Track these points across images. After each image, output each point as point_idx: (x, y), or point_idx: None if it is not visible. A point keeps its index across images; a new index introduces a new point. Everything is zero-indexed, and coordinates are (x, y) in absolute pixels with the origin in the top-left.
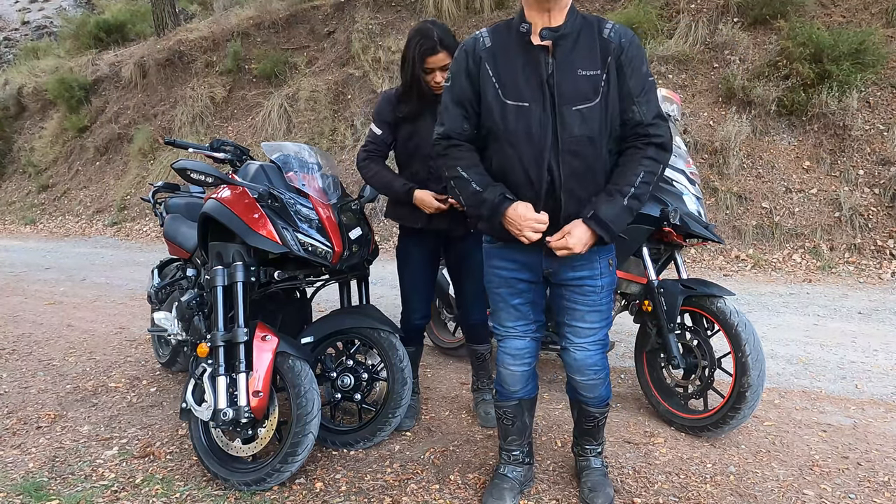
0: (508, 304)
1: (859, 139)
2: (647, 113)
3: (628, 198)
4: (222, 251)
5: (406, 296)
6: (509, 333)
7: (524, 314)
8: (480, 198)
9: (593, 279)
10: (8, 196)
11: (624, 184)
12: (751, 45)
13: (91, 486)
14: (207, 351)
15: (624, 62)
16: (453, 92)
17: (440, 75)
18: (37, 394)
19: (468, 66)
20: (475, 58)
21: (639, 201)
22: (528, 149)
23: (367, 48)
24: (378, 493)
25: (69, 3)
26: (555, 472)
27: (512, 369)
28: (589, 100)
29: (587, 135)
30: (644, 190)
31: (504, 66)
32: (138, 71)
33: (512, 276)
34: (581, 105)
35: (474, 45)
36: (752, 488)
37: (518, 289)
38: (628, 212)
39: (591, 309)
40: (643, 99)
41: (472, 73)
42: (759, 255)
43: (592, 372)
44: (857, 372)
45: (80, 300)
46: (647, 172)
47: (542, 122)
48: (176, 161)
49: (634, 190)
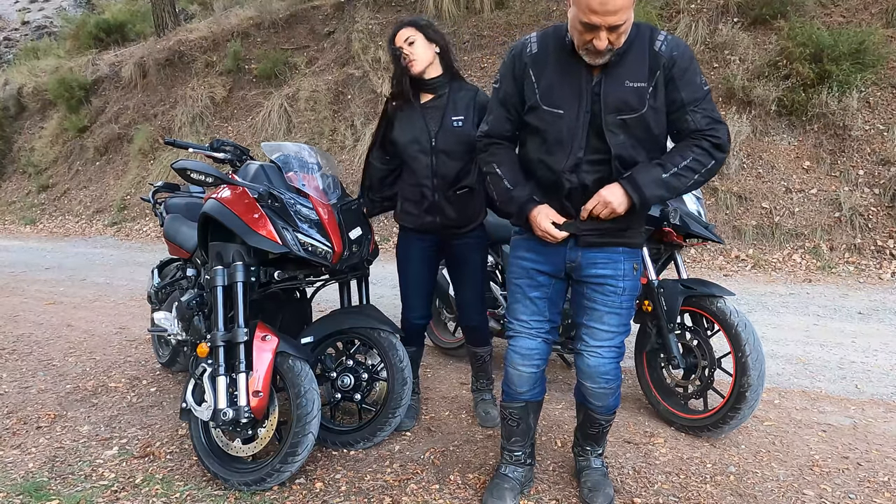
0: (526, 295)
1: (859, 139)
2: (702, 120)
3: (669, 174)
4: (222, 251)
5: (405, 295)
6: (523, 329)
7: (540, 309)
8: (510, 195)
9: (616, 279)
10: (8, 196)
11: (668, 161)
12: (751, 45)
13: (91, 486)
14: (207, 351)
15: (676, 75)
16: (499, 93)
17: (406, 48)
18: (37, 394)
19: (514, 70)
20: (521, 63)
21: (679, 182)
22: (557, 153)
23: (367, 48)
24: (378, 493)
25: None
26: (555, 472)
27: (520, 370)
28: (635, 110)
29: (631, 143)
30: (688, 175)
31: (546, 72)
32: (138, 71)
33: (533, 268)
34: (626, 115)
35: (522, 50)
36: (752, 488)
37: (538, 281)
38: (664, 186)
39: (610, 311)
40: (697, 108)
41: (517, 77)
42: (759, 255)
43: (604, 380)
44: (857, 372)
45: (80, 300)
46: (695, 160)
47: (573, 129)
48: (176, 161)
49: (677, 169)
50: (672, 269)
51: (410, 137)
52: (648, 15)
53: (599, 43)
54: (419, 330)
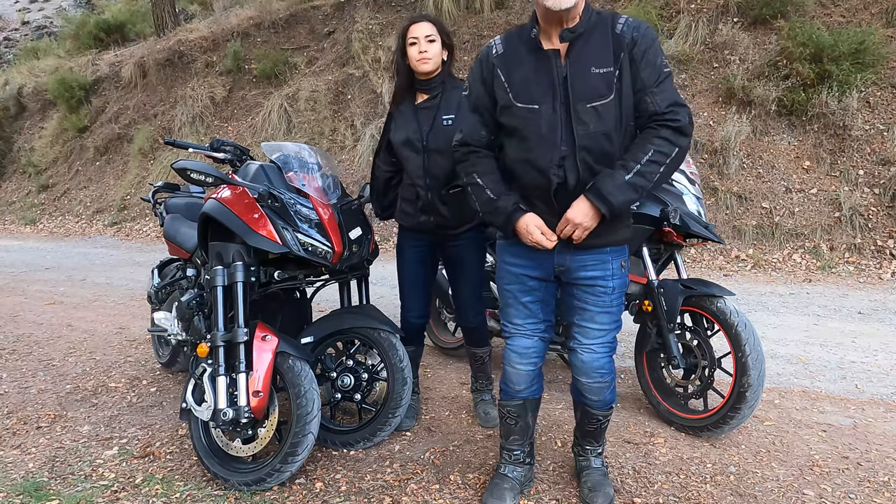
0: (518, 301)
1: (859, 139)
2: (662, 102)
3: (633, 174)
4: (222, 251)
5: (403, 295)
6: (518, 331)
7: (533, 312)
8: (495, 205)
9: (605, 280)
10: (8, 196)
11: (630, 160)
12: (751, 45)
13: (91, 486)
14: (207, 351)
15: (636, 55)
16: (470, 100)
17: (424, 43)
18: (37, 394)
19: (483, 74)
20: (489, 65)
21: (645, 179)
22: (540, 150)
23: (367, 48)
24: (378, 493)
25: (69, 3)
26: (555, 472)
27: (518, 368)
28: (603, 96)
29: (603, 131)
30: (652, 169)
31: (515, 70)
32: (138, 71)
33: (523, 273)
34: (596, 102)
35: (488, 53)
36: (752, 488)
37: (529, 286)
38: (631, 188)
39: (601, 310)
40: (657, 89)
41: (486, 81)
42: (759, 255)
43: (599, 375)
44: (857, 372)
45: (80, 300)
46: (658, 152)
47: (552, 123)
48: (176, 161)
49: (640, 167)
50: (672, 269)
51: (404, 137)
52: (648, 15)
53: None
54: (418, 329)
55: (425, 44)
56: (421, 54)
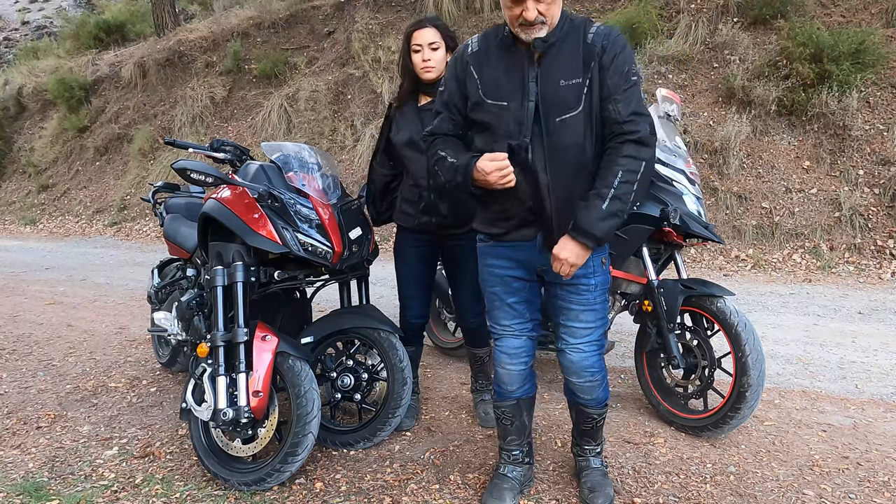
0: (504, 302)
1: (859, 139)
2: (623, 111)
3: (608, 199)
4: (222, 251)
5: (402, 295)
6: (506, 332)
7: (520, 312)
8: (454, 166)
9: (587, 277)
10: (8, 196)
11: (602, 186)
12: (751, 45)
13: (91, 486)
14: (207, 351)
15: (605, 63)
16: (442, 96)
17: (428, 51)
18: (37, 394)
19: (457, 72)
20: (462, 63)
21: (622, 202)
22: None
23: (367, 48)
24: (378, 493)
25: (69, 3)
26: (555, 472)
27: (509, 368)
28: (571, 109)
29: (574, 141)
30: (626, 189)
31: (488, 67)
32: (138, 71)
33: (507, 275)
34: (565, 115)
35: (463, 51)
36: (752, 488)
37: (513, 287)
38: (610, 215)
39: (585, 308)
40: (621, 97)
41: (459, 78)
42: (759, 255)
43: (589, 374)
44: (857, 372)
45: (80, 300)
46: (626, 171)
47: (519, 119)
48: (176, 161)
49: (614, 191)
50: (672, 269)
51: (407, 138)
52: (648, 15)
53: (529, 14)
54: (418, 329)
55: (429, 52)
56: (425, 63)
